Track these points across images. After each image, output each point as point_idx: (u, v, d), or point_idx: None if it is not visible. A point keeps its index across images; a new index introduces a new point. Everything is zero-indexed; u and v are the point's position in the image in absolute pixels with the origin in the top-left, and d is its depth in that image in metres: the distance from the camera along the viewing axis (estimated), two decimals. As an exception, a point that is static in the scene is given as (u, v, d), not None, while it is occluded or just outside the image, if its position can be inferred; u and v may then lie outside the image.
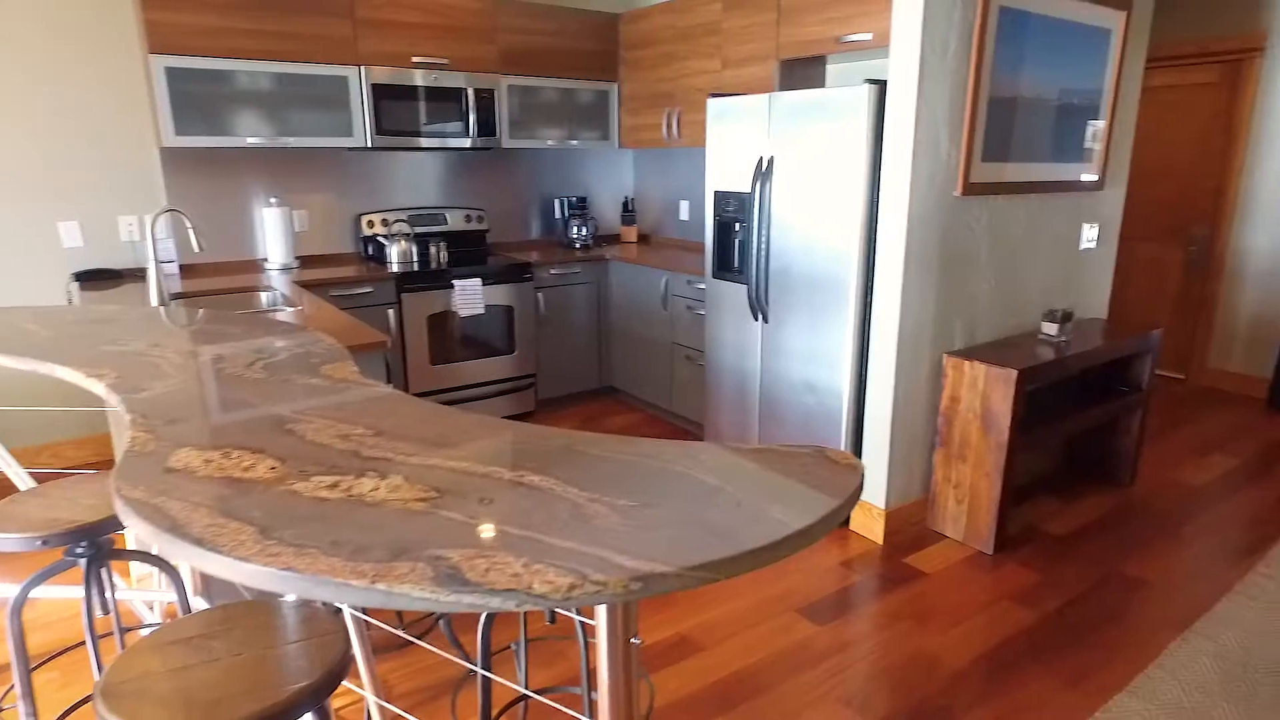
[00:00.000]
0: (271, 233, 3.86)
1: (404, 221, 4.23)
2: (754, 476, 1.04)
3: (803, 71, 3.59)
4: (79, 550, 1.67)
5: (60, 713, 2.04)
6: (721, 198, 3.36)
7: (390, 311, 3.80)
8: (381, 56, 3.78)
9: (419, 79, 3.90)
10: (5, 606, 2.58)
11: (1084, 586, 2.63)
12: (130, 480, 1.03)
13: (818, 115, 2.86)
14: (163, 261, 3.67)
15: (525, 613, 1.82)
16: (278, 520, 0.92)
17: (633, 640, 1.01)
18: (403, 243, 4.04)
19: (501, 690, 2.11)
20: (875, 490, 2.97)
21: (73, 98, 3.42)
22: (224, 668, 1.16)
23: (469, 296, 3.98)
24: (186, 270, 3.77)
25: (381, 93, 3.81)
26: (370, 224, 4.17)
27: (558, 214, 4.86)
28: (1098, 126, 3.25)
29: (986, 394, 2.76)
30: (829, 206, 2.88)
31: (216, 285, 3.44)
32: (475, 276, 3.98)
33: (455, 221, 4.45)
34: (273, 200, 3.91)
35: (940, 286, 2.88)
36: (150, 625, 2.41)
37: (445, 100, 4.01)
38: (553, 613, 1.63)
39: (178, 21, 3.26)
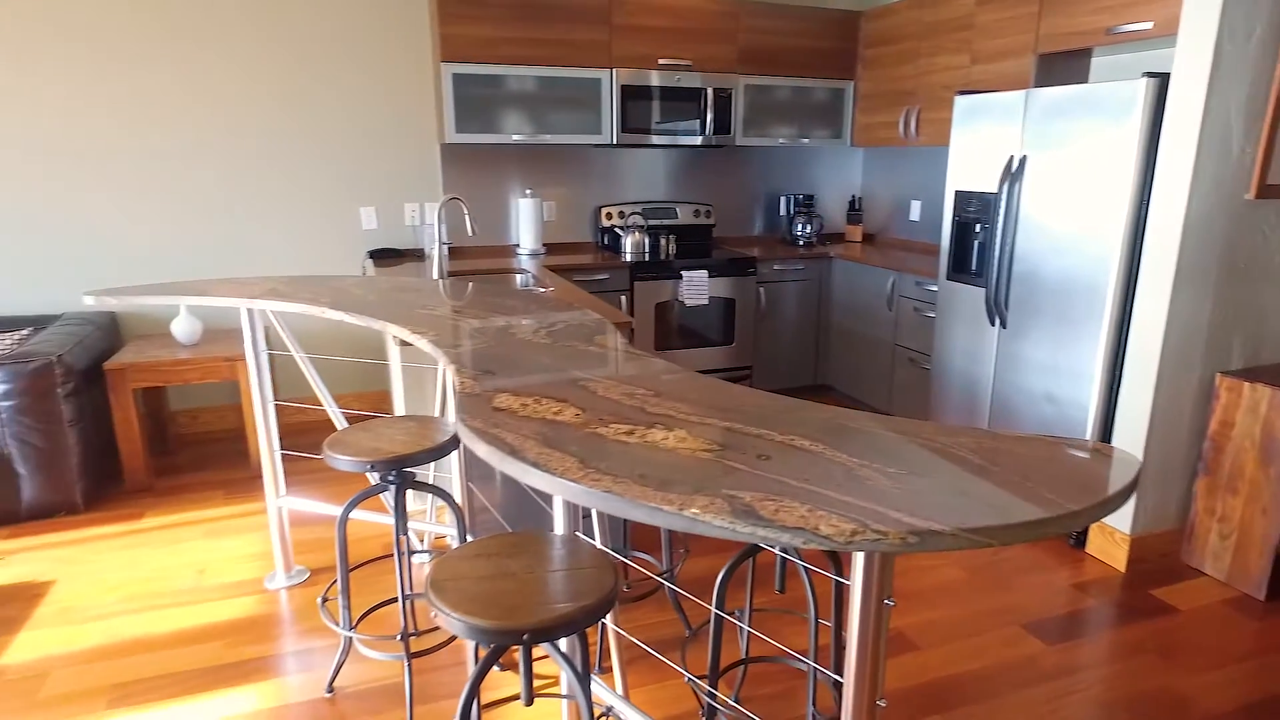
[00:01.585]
0: (525, 221, 4.28)
1: (639, 214, 4.51)
2: (1020, 460, 1.07)
3: (1064, 66, 3.38)
4: (391, 477, 2.02)
5: (363, 611, 2.46)
6: (963, 198, 3.26)
7: (623, 297, 4.08)
8: (631, 59, 4.06)
9: (662, 80, 4.13)
10: (328, 521, 3.14)
11: (1382, 651, 2.29)
12: (469, 414, 1.27)
13: (1082, 112, 2.69)
14: (452, 245, 4.24)
15: (752, 581, 1.93)
16: (591, 455, 1.10)
17: (886, 601, 1.09)
18: (636, 234, 4.31)
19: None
20: (1120, 513, 2.76)
21: (376, 102, 4.02)
22: (519, 581, 1.38)
23: (695, 287, 4.17)
24: (453, 252, 4.29)
25: (628, 93, 4.09)
26: (608, 216, 4.49)
27: (782, 210, 4.92)
28: None
29: (1270, 420, 2.47)
30: (1087, 209, 2.71)
31: (479, 266, 3.89)
32: (702, 269, 4.16)
33: (685, 216, 4.67)
34: (528, 192, 4.34)
35: (1218, 298, 2.61)
36: (419, 551, 2.82)
37: (685, 99, 4.21)
38: (782, 580, 1.73)
39: (465, 33, 3.73)
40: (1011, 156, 2.99)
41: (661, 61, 4.12)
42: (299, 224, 4.01)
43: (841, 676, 1.42)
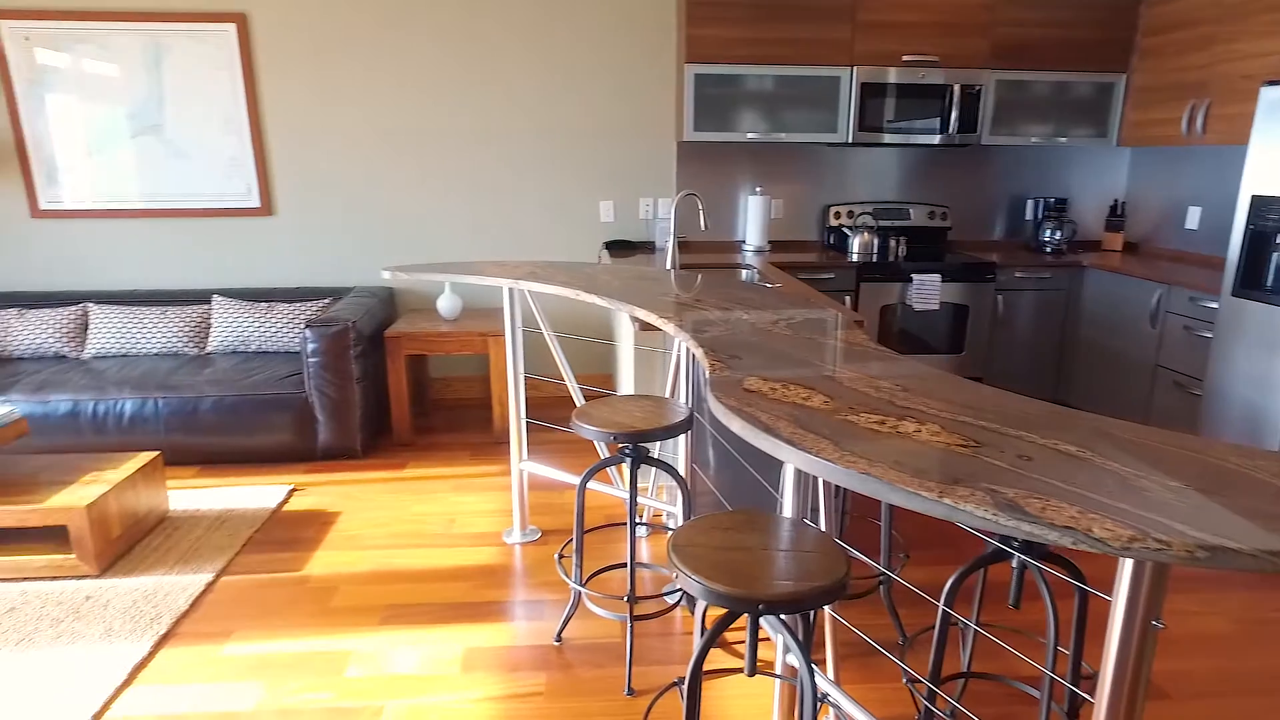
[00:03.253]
0: (752, 218, 4.36)
1: (869, 214, 4.41)
2: (1335, 492, 0.97)
3: None
4: (627, 450, 2.18)
5: (592, 572, 2.67)
6: (1261, 203, 2.87)
7: (847, 298, 4.03)
8: (873, 56, 3.99)
9: (904, 77, 4.01)
10: (561, 488, 3.43)
11: None
12: (723, 393, 1.36)
13: None
14: (680, 239, 4.44)
15: (981, 593, 1.86)
16: (844, 438, 1.14)
17: (1155, 623, 1.03)
18: (865, 234, 4.22)
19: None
20: None
21: (621, 102, 4.27)
22: (753, 555, 1.46)
23: (926, 292, 4.01)
24: (681, 245, 4.46)
25: (868, 91, 4.01)
26: (837, 215, 4.44)
27: (1028, 215, 4.59)
28: None
29: None
30: None
31: (706, 260, 4.02)
32: (934, 272, 4.00)
33: (918, 217, 4.50)
34: (757, 189, 4.41)
35: None
36: (639, 524, 3.00)
37: (927, 97, 4.06)
38: (1018, 595, 1.66)
39: (711, 35, 3.86)
40: (1330, 156, 2.58)
41: (905, 58, 4.00)
42: (546, 214, 4.38)
43: (1090, 696, 1.34)
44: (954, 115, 4.07)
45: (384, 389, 4.04)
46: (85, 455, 3.00)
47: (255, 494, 3.30)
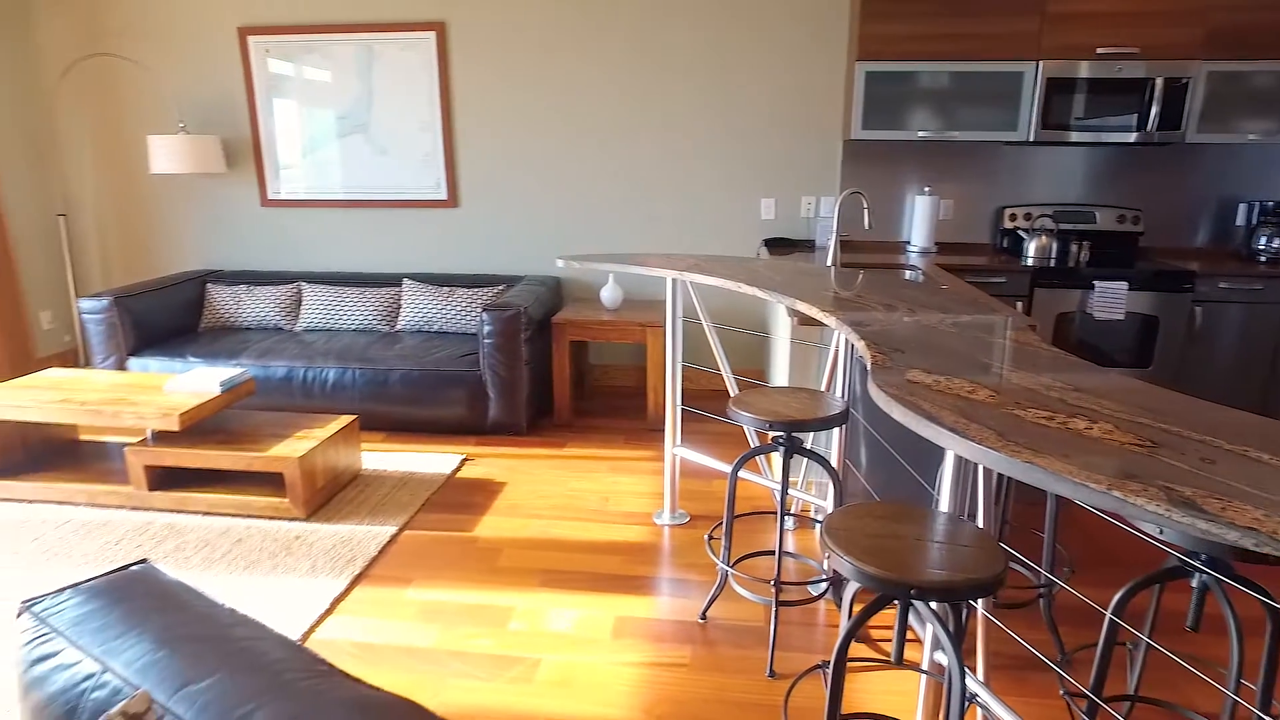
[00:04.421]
0: (918, 218, 4.24)
1: (1048, 217, 4.17)
2: None
3: None
4: (781, 439, 2.23)
5: (739, 556, 2.75)
6: None
7: (1018, 304, 3.84)
8: (1063, 49, 3.76)
9: (1096, 71, 3.76)
10: (712, 475, 3.54)
11: None
12: (884, 382, 1.39)
13: None
14: (842, 237, 4.42)
15: (1155, 611, 1.77)
16: (1009, 430, 1.15)
17: (1352, 646, 0.97)
18: (1043, 238, 4.00)
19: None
20: None
21: (787, 100, 4.29)
22: (907, 544, 1.48)
23: (1109, 300, 3.75)
24: (843, 244, 4.41)
25: (1054, 86, 3.80)
26: (1012, 217, 4.23)
27: (1239, 219, 4.16)
28: None
29: None
30: None
31: (868, 260, 3.97)
32: (1121, 280, 3.73)
33: (1105, 221, 4.20)
34: (925, 189, 4.29)
35: None
36: (787, 515, 3.03)
37: (1123, 92, 3.78)
38: (1197, 617, 1.57)
39: (885, 32, 3.80)
40: None
41: (1100, 51, 3.74)
42: (707, 210, 4.48)
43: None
44: (1154, 111, 3.77)
45: (548, 372, 4.30)
46: (297, 414, 3.44)
47: (433, 460, 3.64)
